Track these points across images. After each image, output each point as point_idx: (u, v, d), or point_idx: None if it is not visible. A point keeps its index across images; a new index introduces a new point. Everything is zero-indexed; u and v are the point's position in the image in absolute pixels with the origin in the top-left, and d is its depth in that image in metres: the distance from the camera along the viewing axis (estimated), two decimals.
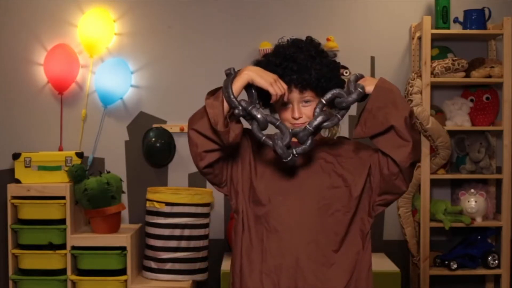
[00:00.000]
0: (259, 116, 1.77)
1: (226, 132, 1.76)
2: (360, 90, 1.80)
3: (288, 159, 1.77)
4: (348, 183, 1.86)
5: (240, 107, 1.76)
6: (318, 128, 1.79)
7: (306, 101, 1.86)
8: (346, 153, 1.91)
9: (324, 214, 1.85)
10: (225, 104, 1.77)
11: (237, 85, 1.78)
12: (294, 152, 1.77)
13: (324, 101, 1.80)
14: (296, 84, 1.83)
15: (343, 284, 1.84)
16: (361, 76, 1.87)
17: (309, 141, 1.78)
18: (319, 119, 1.77)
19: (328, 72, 1.85)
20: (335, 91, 1.80)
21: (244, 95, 1.80)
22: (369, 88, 1.81)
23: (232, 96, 1.76)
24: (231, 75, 1.80)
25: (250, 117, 1.78)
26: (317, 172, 1.88)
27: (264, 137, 1.78)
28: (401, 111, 1.76)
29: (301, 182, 1.87)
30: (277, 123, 1.80)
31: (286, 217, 1.85)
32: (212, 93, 1.82)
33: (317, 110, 1.80)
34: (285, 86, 1.81)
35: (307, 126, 1.78)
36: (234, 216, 1.97)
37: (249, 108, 1.77)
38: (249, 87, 1.82)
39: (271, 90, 1.78)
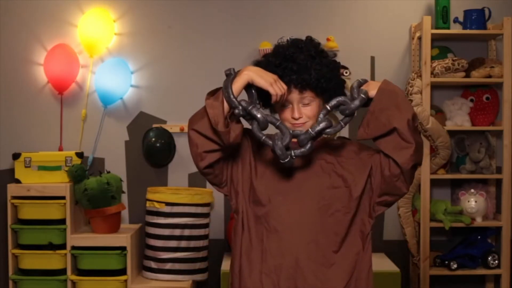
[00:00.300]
0: (259, 116, 1.77)
1: (227, 132, 1.76)
2: (363, 96, 1.80)
3: (286, 160, 1.77)
4: (348, 184, 1.86)
5: (240, 107, 1.76)
6: (320, 133, 1.79)
7: (306, 101, 1.86)
8: (347, 153, 1.91)
9: (324, 214, 1.85)
10: (225, 104, 1.77)
11: (237, 85, 1.78)
12: (293, 154, 1.77)
13: (328, 108, 1.81)
14: (295, 85, 1.83)
15: (342, 284, 1.84)
16: (365, 81, 1.86)
17: (308, 145, 1.78)
18: (322, 124, 1.78)
19: (328, 72, 1.85)
20: (340, 99, 1.81)
21: (244, 96, 1.79)
22: (373, 92, 1.81)
23: (232, 96, 1.76)
24: (231, 75, 1.80)
25: (250, 117, 1.78)
26: (317, 172, 1.88)
27: (264, 137, 1.78)
28: (404, 113, 1.76)
29: (301, 182, 1.87)
30: (277, 123, 1.80)
31: (286, 217, 1.85)
32: (212, 94, 1.82)
33: (321, 116, 1.80)
34: (285, 87, 1.80)
35: (310, 130, 1.78)
36: (234, 216, 1.97)
37: (249, 108, 1.77)
38: (249, 87, 1.82)
39: (271, 90, 1.77)
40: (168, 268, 3.53)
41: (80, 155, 3.65)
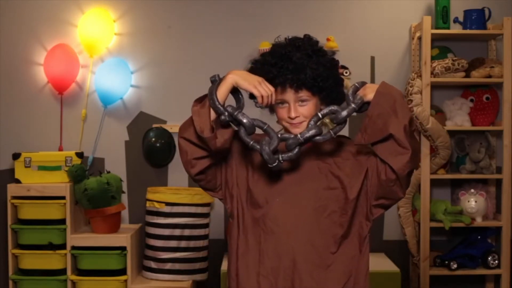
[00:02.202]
0: (245, 121, 1.75)
1: (213, 138, 1.75)
2: (353, 106, 1.77)
3: (274, 165, 1.75)
4: (344, 185, 1.84)
5: (226, 113, 1.75)
6: (309, 140, 1.77)
7: (303, 101, 1.84)
8: (345, 154, 1.89)
9: (320, 215, 1.84)
10: (212, 111, 1.77)
11: (222, 90, 1.78)
12: (280, 158, 1.76)
13: (320, 115, 1.78)
14: (291, 84, 1.82)
15: (339, 286, 1.83)
16: (362, 85, 1.82)
17: (296, 150, 1.76)
18: (311, 132, 1.76)
19: (324, 71, 1.83)
20: (332, 108, 1.79)
21: (232, 101, 1.78)
22: (370, 96, 1.78)
23: (217, 103, 1.75)
24: (215, 81, 1.79)
25: (237, 123, 1.77)
26: (314, 173, 1.87)
27: (251, 142, 1.76)
28: (401, 118, 1.73)
29: (298, 183, 1.86)
30: (265, 127, 1.78)
31: (283, 219, 1.84)
32: (200, 100, 1.81)
33: (311, 123, 1.78)
34: (271, 88, 1.79)
35: (298, 135, 1.76)
36: (230, 220, 1.96)
37: (235, 114, 1.75)
38: (236, 91, 1.81)
39: (256, 92, 1.77)
40: (168, 268, 3.53)
41: (80, 155, 3.65)
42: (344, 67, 3.78)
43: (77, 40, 3.82)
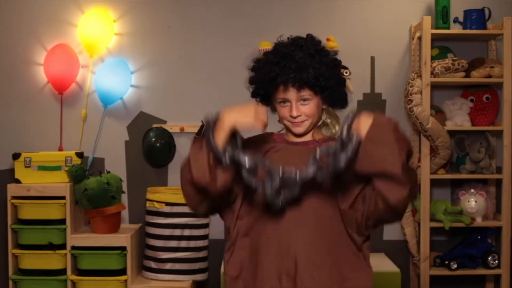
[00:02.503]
0: (246, 162, 1.70)
1: (212, 182, 1.72)
2: (349, 156, 1.65)
3: (277, 205, 1.71)
4: (340, 193, 1.81)
5: (227, 156, 1.70)
6: (309, 181, 1.71)
7: (305, 100, 1.84)
8: None
9: (320, 216, 1.83)
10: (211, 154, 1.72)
11: (222, 137, 1.71)
12: (282, 198, 1.71)
13: (317, 157, 1.69)
14: (293, 83, 1.81)
15: (340, 286, 1.83)
16: (354, 117, 1.68)
17: (297, 190, 1.72)
18: (310, 172, 1.69)
19: (327, 70, 1.82)
20: (329, 149, 1.68)
21: None
22: (363, 130, 1.66)
23: (216, 149, 1.70)
24: (209, 125, 1.71)
25: (239, 164, 1.72)
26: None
27: (255, 182, 1.71)
28: (398, 154, 1.64)
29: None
30: (266, 165, 1.72)
31: (283, 219, 1.83)
32: (198, 133, 1.77)
33: (310, 161, 1.69)
34: (264, 107, 1.79)
35: (297, 177, 1.69)
36: (227, 237, 1.92)
37: (235, 156, 1.71)
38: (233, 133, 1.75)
39: (259, 124, 1.73)
40: (168, 268, 3.53)
41: (80, 155, 3.65)
42: (344, 67, 3.78)
43: (77, 40, 3.82)
